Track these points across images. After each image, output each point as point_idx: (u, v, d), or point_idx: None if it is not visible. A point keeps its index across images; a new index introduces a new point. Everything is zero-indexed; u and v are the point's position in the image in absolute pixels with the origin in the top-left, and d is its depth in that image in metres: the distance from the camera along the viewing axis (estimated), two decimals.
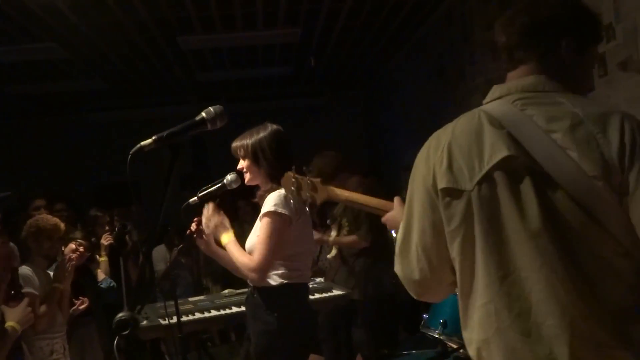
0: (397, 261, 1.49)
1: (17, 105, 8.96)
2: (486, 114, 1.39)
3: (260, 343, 2.56)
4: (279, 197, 2.50)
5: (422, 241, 1.40)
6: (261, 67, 8.01)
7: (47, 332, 3.25)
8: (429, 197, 1.37)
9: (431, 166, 1.38)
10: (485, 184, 1.30)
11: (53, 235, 3.43)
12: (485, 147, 1.32)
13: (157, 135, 1.58)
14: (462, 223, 1.32)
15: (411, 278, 1.45)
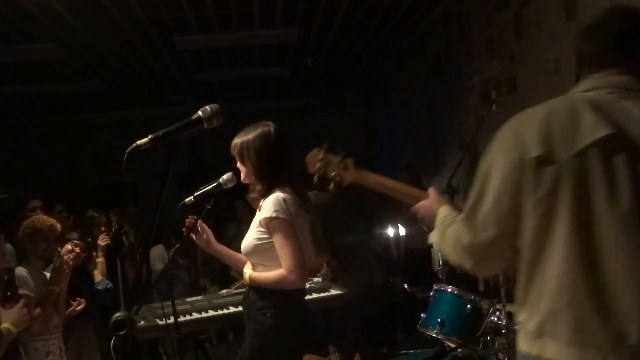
0: (461, 227, 1.52)
1: (14, 106, 8.95)
2: (584, 97, 1.44)
3: (253, 342, 2.57)
4: (278, 202, 2.49)
5: (497, 209, 1.44)
6: (258, 67, 8.00)
7: (43, 333, 3.24)
8: (513, 167, 1.41)
9: (523, 137, 1.41)
10: (580, 158, 1.34)
11: (49, 236, 3.42)
12: (583, 124, 1.37)
13: (153, 135, 1.58)
14: (549, 194, 1.36)
15: (474, 245, 1.48)
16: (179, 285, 5.18)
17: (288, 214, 2.49)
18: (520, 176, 1.39)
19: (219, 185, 2.63)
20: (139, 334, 3.12)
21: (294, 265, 2.47)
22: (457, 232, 1.54)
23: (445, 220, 1.67)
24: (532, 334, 1.40)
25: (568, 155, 1.35)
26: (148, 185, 3.74)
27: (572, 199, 1.34)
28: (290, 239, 2.49)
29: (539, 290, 1.41)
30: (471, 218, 1.50)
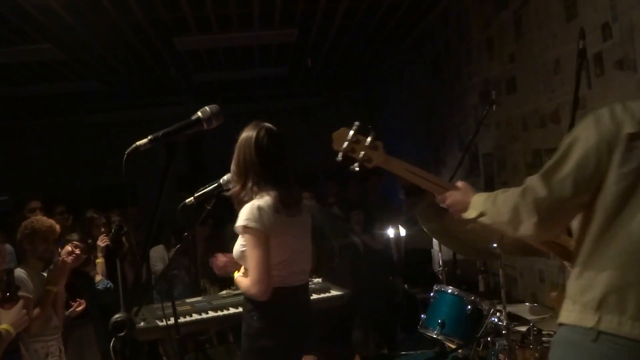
0: (536, 182, 1.55)
1: (13, 107, 8.95)
2: None
3: (243, 344, 2.60)
4: (251, 210, 2.46)
5: (578, 173, 1.50)
6: (257, 68, 8.00)
7: (42, 334, 3.23)
8: (604, 139, 1.47)
9: (619, 117, 1.49)
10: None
11: (48, 237, 3.41)
12: None
13: (152, 135, 1.58)
14: (637, 168, 1.43)
15: (547, 200, 1.52)
16: (179, 285, 5.16)
17: (260, 223, 2.45)
18: (611, 148, 1.46)
19: (219, 186, 2.63)
20: (139, 335, 3.12)
21: (255, 278, 2.45)
22: (528, 189, 1.57)
23: (491, 197, 1.71)
24: (589, 305, 1.41)
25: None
26: (147, 186, 3.73)
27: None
28: (257, 250, 2.45)
29: (604, 263, 1.44)
30: (549, 176, 1.54)
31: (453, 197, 1.88)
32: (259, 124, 2.62)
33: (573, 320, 1.45)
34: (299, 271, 2.65)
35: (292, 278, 2.62)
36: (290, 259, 2.59)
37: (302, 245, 2.67)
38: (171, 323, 2.80)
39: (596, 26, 3.22)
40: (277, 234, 2.51)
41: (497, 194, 1.69)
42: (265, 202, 2.50)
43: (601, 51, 3.22)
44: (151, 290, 4.13)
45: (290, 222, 2.57)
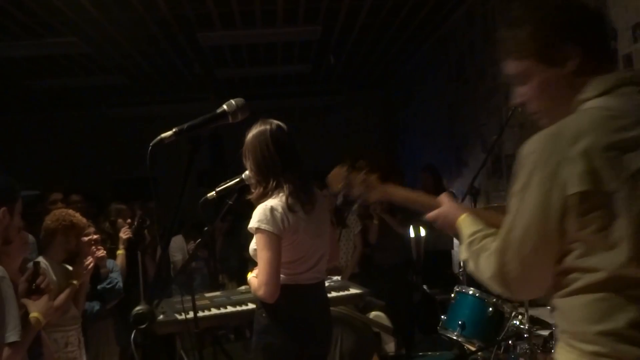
0: (493, 259, 1.43)
1: (38, 100, 9.05)
2: (609, 110, 1.33)
3: (252, 341, 2.60)
4: (264, 212, 2.44)
5: (530, 241, 1.34)
6: (280, 65, 8.00)
7: (61, 324, 3.26)
8: (548, 202, 1.30)
9: (556, 170, 1.29)
10: (631, 183, 1.25)
11: (81, 234, 3.49)
12: (625, 145, 1.27)
13: (177, 128, 1.58)
14: (601, 228, 1.27)
15: (510, 276, 1.39)
16: (198, 277, 5.19)
17: (273, 224, 2.43)
18: (561, 212, 1.29)
19: (241, 180, 2.61)
20: (158, 328, 3.13)
21: (264, 280, 2.42)
22: (490, 263, 1.44)
23: (474, 243, 1.56)
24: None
25: (619, 183, 1.25)
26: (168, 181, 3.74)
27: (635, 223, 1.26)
28: (267, 252, 2.43)
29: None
30: (504, 251, 1.40)
31: (441, 218, 1.80)
32: (267, 120, 2.59)
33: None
34: (313, 270, 2.62)
35: (304, 276, 2.59)
36: (304, 257, 2.57)
37: (317, 243, 2.62)
38: (190, 317, 2.81)
39: (627, 27, 3.16)
40: (290, 234, 2.49)
41: (478, 253, 1.53)
42: (280, 201, 2.48)
43: (631, 52, 3.16)
44: (171, 284, 4.13)
45: (305, 220, 2.54)
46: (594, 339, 1.29)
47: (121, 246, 4.31)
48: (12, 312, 2.18)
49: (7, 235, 2.32)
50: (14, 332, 2.16)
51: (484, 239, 1.54)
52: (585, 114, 1.34)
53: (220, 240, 5.74)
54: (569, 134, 1.30)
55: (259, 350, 2.55)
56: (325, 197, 2.83)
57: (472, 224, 1.64)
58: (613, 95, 1.36)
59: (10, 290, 2.20)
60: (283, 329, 2.52)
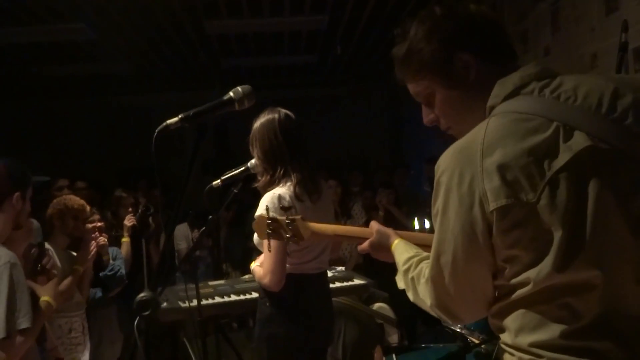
0: (427, 289, 1.39)
1: (44, 87, 9.05)
2: (518, 114, 1.25)
3: (256, 330, 2.61)
4: (272, 199, 2.43)
5: (460, 264, 1.28)
6: (286, 55, 7.97)
7: (65, 310, 3.27)
8: (470, 220, 1.24)
9: (472, 187, 1.23)
10: (550, 188, 1.17)
11: (79, 216, 3.48)
12: (538, 150, 1.19)
13: (183, 114, 1.57)
14: (527, 242, 1.20)
15: (448, 303, 1.35)
16: (202, 266, 5.20)
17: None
18: (480, 230, 1.23)
19: (246, 169, 2.61)
20: (161, 315, 3.14)
21: (270, 268, 2.44)
22: (427, 292, 1.40)
23: (410, 270, 1.51)
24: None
25: (537, 194, 1.18)
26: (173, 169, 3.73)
27: (565, 229, 1.19)
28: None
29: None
30: (435, 282, 1.35)
31: (375, 250, 1.75)
32: (275, 109, 2.59)
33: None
34: (317, 260, 2.62)
35: (309, 266, 2.60)
36: (309, 247, 2.56)
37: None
38: (194, 305, 2.81)
39: (638, 20, 3.13)
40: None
41: (414, 282, 1.49)
42: (288, 190, 2.47)
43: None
44: (175, 272, 4.14)
45: (312, 209, 2.54)
46: (531, 349, 1.25)
47: (125, 234, 4.32)
48: (24, 298, 2.19)
49: (18, 220, 2.33)
50: (25, 319, 2.17)
51: (419, 264, 1.50)
52: (494, 122, 1.26)
53: (225, 229, 5.75)
54: (478, 146, 1.23)
55: (262, 340, 2.55)
56: (330, 188, 2.83)
57: (405, 251, 1.60)
58: (520, 97, 1.28)
59: (21, 276, 2.21)
60: (287, 318, 2.52)
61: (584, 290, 1.21)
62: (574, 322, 1.21)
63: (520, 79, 1.29)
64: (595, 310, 1.21)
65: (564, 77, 1.30)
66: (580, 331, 1.21)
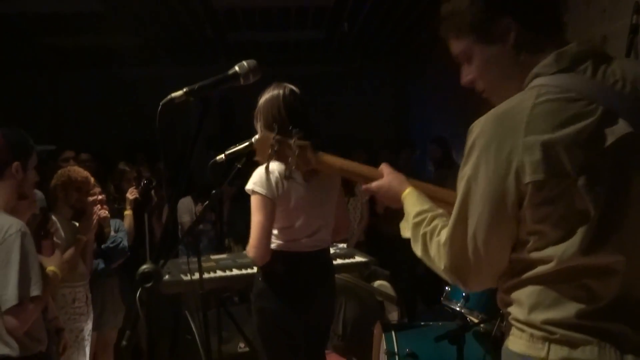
0: (444, 251, 1.39)
1: (49, 58, 9.00)
2: (567, 91, 1.25)
3: (251, 304, 2.66)
4: (259, 174, 2.46)
5: (483, 230, 1.29)
6: (293, 30, 7.90)
7: (69, 280, 3.30)
8: (502, 188, 1.25)
9: (510, 156, 1.23)
10: (588, 170, 1.20)
11: (82, 188, 3.48)
12: (583, 132, 1.21)
13: (188, 87, 1.57)
14: (557, 215, 1.23)
15: (463, 268, 1.36)
16: (205, 240, 5.22)
17: (267, 188, 2.44)
18: (513, 200, 1.25)
19: (250, 145, 2.60)
20: (163, 288, 3.16)
21: (253, 243, 2.46)
22: (442, 255, 1.40)
23: (422, 226, 1.50)
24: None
25: (576, 171, 1.20)
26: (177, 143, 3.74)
27: (597, 211, 1.22)
28: (258, 214, 2.45)
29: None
30: (453, 245, 1.36)
31: (382, 192, 1.72)
32: (281, 84, 2.58)
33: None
34: (312, 237, 2.61)
35: (302, 244, 2.59)
36: (301, 225, 2.56)
37: (318, 211, 2.61)
38: (196, 278, 2.83)
39: None
40: (285, 199, 2.49)
41: (425, 238, 1.47)
42: (280, 165, 2.44)
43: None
44: (177, 245, 4.16)
45: (304, 186, 2.53)
46: (544, 326, 1.27)
47: (128, 207, 4.33)
48: (35, 266, 2.21)
49: (22, 190, 2.33)
50: (36, 286, 2.19)
51: (433, 220, 1.49)
52: (543, 97, 1.25)
53: (228, 204, 5.76)
54: (524, 118, 1.23)
55: (254, 313, 2.61)
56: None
57: (418, 202, 1.59)
58: (573, 75, 1.28)
59: (32, 245, 2.23)
60: (276, 294, 2.55)
61: (605, 274, 1.24)
62: (591, 303, 1.24)
63: (578, 54, 1.30)
64: (613, 294, 1.24)
65: (617, 61, 1.32)
66: (597, 312, 1.24)
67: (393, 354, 3.01)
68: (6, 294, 2.12)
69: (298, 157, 1.83)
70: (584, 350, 1.23)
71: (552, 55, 1.31)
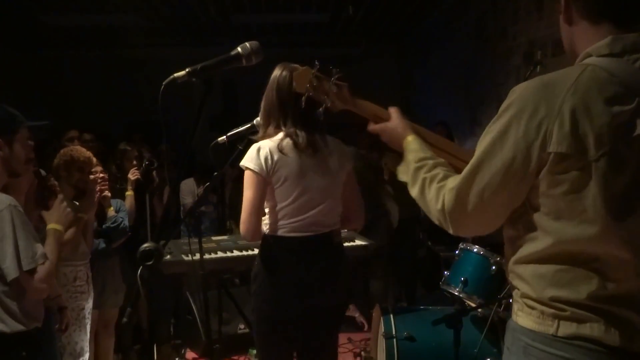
0: (450, 195, 1.42)
1: (52, 37, 8.98)
2: (612, 75, 1.27)
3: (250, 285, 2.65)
4: (253, 151, 2.46)
5: (493, 187, 1.34)
6: (298, 12, 7.86)
7: (70, 259, 3.32)
8: (525, 152, 1.29)
9: (542, 123, 1.26)
10: (612, 155, 1.23)
11: (84, 168, 3.47)
12: (617, 117, 1.24)
13: (190, 68, 1.57)
14: (571, 192, 1.27)
15: (462, 215, 1.40)
16: (206, 221, 5.24)
17: (256, 163, 2.44)
18: (532, 165, 1.29)
19: (252, 126, 2.62)
20: (164, 268, 3.18)
21: (243, 218, 2.47)
22: (443, 199, 1.43)
23: (422, 171, 1.54)
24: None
25: (598, 154, 1.23)
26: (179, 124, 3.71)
27: (603, 197, 1.25)
28: (249, 191, 2.46)
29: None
30: (460, 191, 1.39)
31: (386, 134, 1.78)
32: (283, 65, 2.57)
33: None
34: (307, 221, 2.53)
35: (295, 226, 2.52)
36: (295, 207, 2.51)
37: (315, 194, 2.52)
38: (197, 258, 2.85)
39: None
40: (275, 174, 2.47)
41: (425, 183, 1.51)
42: (272, 142, 2.48)
43: None
44: (179, 225, 4.18)
45: (300, 163, 2.48)
46: (554, 303, 1.32)
47: (129, 187, 4.34)
48: (30, 237, 2.22)
49: (10, 167, 2.29)
50: (38, 256, 2.21)
51: (434, 168, 1.54)
52: (589, 73, 1.29)
53: (230, 186, 5.77)
54: (566, 88, 1.27)
55: (252, 295, 2.60)
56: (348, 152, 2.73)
57: (421, 149, 1.63)
58: (622, 61, 1.30)
59: (24, 217, 2.22)
60: (270, 280, 2.52)
61: (617, 262, 1.28)
62: (601, 288, 1.28)
63: (632, 45, 1.31)
64: (625, 282, 1.28)
65: None
66: (607, 297, 1.28)
67: (391, 337, 3.04)
68: (7, 267, 2.15)
69: (335, 94, 1.90)
70: (592, 327, 1.28)
71: (608, 39, 1.33)
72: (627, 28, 1.33)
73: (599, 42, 1.33)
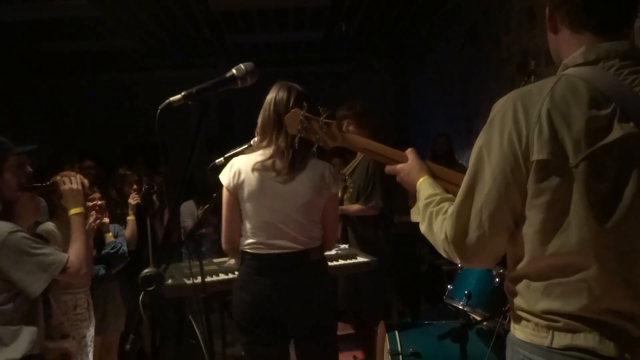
0: (449, 222, 1.42)
1: (48, 64, 9.02)
2: (587, 82, 1.29)
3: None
4: (228, 166, 2.52)
5: (490, 205, 1.34)
6: (291, 32, 7.91)
7: (70, 287, 3.29)
8: (512, 164, 1.29)
9: (522, 132, 1.28)
10: (591, 160, 1.24)
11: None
12: (594, 122, 1.25)
13: (186, 91, 1.57)
14: (553, 200, 1.27)
15: (463, 244, 1.39)
16: (207, 243, 5.21)
17: (226, 179, 2.50)
18: (519, 175, 1.29)
19: (250, 147, 2.61)
20: (166, 292, 3.16)
21: (221, 231, 2.57)
22: (445, 228, 1.43)
23: (430, 206, 1.55)
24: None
25: (578, 159, 1.24)
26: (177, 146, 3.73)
27: (584, 203, 1.25)
28: (224, 205, 2.55)
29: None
30: (459, 214, 1.39)
31: (403, 174, 1.78)
32: (280, 84, 2.59)
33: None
34: (277, 238, 2.52)
35: (267, 244, 2.53)
36: (264, 224, 2.51)
37: (286, 209, 2.51)
38: (198, 282, 2.83)
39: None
40: (240, 190, 2.49)
41: (432, 216, 1.52)
42: (246, 159, 2.51)
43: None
44: (180, 248, 4.15)
45: (271, 186, 2.48)
46: (547, 315, 1.32)
47: (130, 212, 4.32)
48: (40, 249, 2.28)
49: (1, 195, 2.28)
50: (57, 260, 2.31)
51: (441, 202, 1.54)
52: (564, 82, 1.31)
53: None
54: (542, 96, 1.28)
55: (233, 308, 2.69)
56: (335, 167, 2.77)
57: (430, 187, 1.65)
58: (597, 68, 1.32)
59: (27, 236, 2.26)
60: (239, 293, 2.62)
61: (603, 270, 1.26)
62: (591, 299, 1.28)
63: (606, 53, 1.33)
64: (614, 291, 1.27)
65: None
66: (599, 308, 1.28)
67: (397, 354, 3.01)
68: (40, 279, 2.25)
69: (325, 133, 1.92)
70: (586, 337, 1.28)
71: (582, 48, 1.35)
72: (607, 37, 1.34)
73: (574, 53, 1.36)
